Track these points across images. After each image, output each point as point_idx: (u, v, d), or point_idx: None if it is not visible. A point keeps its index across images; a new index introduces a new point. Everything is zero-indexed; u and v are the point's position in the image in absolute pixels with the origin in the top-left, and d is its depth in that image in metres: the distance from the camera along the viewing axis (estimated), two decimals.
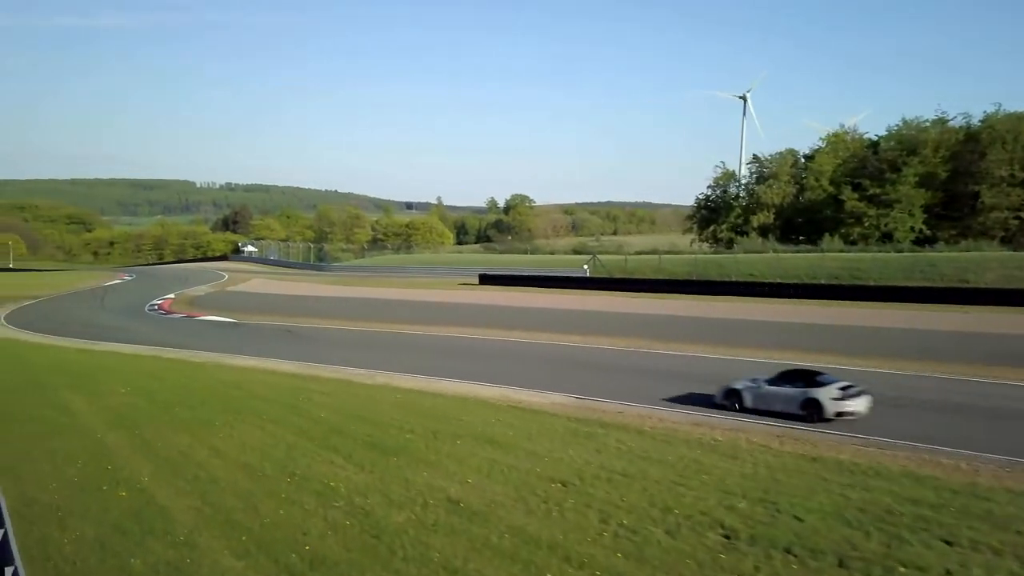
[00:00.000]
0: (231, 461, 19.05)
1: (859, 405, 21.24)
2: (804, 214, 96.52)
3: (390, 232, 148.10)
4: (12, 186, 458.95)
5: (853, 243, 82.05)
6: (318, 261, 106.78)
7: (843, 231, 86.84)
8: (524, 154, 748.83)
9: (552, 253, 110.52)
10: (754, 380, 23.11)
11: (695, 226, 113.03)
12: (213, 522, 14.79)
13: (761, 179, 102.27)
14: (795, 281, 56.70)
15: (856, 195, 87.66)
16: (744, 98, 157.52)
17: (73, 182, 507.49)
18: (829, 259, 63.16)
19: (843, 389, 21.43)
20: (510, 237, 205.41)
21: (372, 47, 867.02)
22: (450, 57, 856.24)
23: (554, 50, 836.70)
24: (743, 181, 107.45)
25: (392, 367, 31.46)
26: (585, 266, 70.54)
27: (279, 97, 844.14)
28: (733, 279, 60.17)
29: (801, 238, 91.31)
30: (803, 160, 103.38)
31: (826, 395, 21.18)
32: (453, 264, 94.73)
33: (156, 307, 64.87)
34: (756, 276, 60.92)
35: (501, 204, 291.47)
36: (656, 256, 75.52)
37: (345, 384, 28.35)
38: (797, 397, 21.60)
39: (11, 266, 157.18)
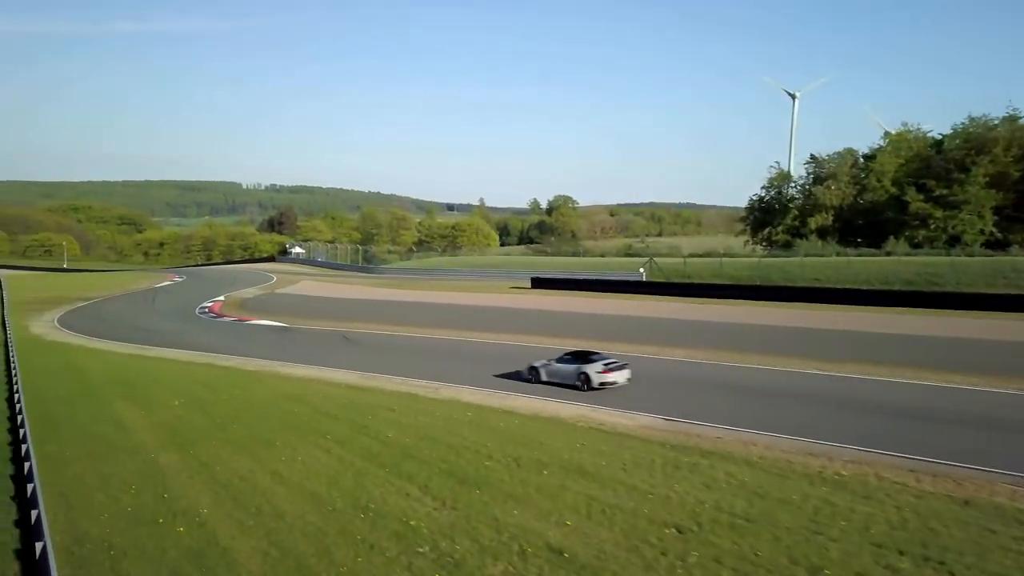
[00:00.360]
0: (296, 490, 17.25)
1: (619, 377, 26.90)
2: (865, 216, 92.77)
3: (435, 234, 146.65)
4: (67, 188, 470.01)
5: (918, 246, 78.35)
6: (365, 263, 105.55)
7: (907, 234, 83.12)
8: (565, 155, 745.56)
9: (602, 255, 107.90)
10: (548, 360, 28.75)
11: (748, 228, 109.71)
12: (282, 570, 12.96)
13: (818, 180, 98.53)
14: (866, 287, 53.74)
15: (921, 196, 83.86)
16: (794, 96, 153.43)
17: (124, 184, 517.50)
18: (902, 263, 59.80)
19: (606, 365, 27.00)
20: (553, 238, 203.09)
21: (412, 49, 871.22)
22: (489, 59, 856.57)
23: (593, 51, 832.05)
24: (799, 182, 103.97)
25: (455, 378, 29.53)
26: (641, 269, 68.07)
27: (322, 100, 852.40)
28: (799, 284, 57.29)
29: (860, 241, 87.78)
30: (863, 160, 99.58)
31: (593, 370, 26.74)
32: (501, 267, 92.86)
33: (206, 310, 63.97)
34: (823, 281, 57.96)
35: (543, 205, 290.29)
36: (716, 259, 72.69)
37: (410, 398, 26.45)
38: (574, 372, 27.17)
39: (65, 266, 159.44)
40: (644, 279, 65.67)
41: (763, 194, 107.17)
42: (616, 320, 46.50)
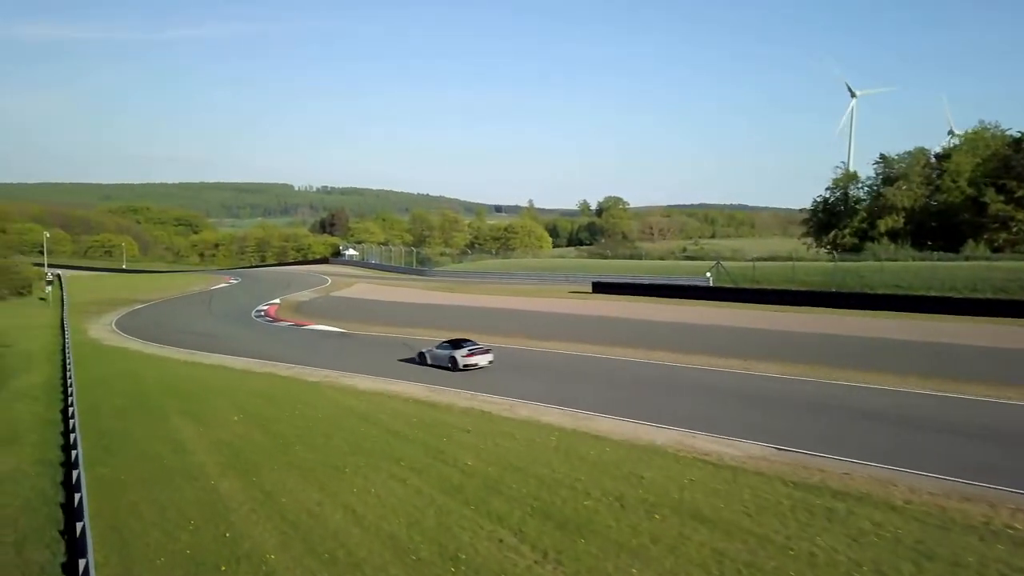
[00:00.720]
0: (373, 531, 15.19)
1: (481, 360, 33.08)
2: (938, 218, 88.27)
3: (488, 236, 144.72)
4: (127, 190, 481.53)
5: (998, 250, 73.94)
6: (419, 265, 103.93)
7: (986, 237, 78.62)
8: (611, 155, 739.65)
9: (661, 259, 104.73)
10: (432, 347, 35.05)
11: (811, 230, 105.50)
12: None
13: (888, 180, 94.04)
14: (954, 294, 50.07)
15: (1001, 198, 79.28)
16: (854, 95, 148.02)
17: (181, 186, 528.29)
18: (988, 269, 55.81)
19: (470, 350, 33.15)
20: (603, 240, 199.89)
21: (458, 52, 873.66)
22: (535, 61, 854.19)
23: (640, 51, 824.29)
24: (866, 182, 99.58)
25: (529, 394, 27.23)
26: (708, 274, 65.00)
27: (373, 103, 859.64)
28: (880, 291, 53.80)
29: (933, 244, 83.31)
30: (935, 160, 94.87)
31: (459, 354, 32.96)
32: (556, 270, 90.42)
33: (262, 313, 62.86)
34: (904, 288, 54.40)
35: (593, 206, 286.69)
36: (786, 264, 69.27)
37: (485, 418, 24.24)
38: (446, 356, 33.55)
39: (124, 267, 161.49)
40: (711, 284, 62.65)
41: (827, 195, 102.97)
42: (691, 329, 43.68)
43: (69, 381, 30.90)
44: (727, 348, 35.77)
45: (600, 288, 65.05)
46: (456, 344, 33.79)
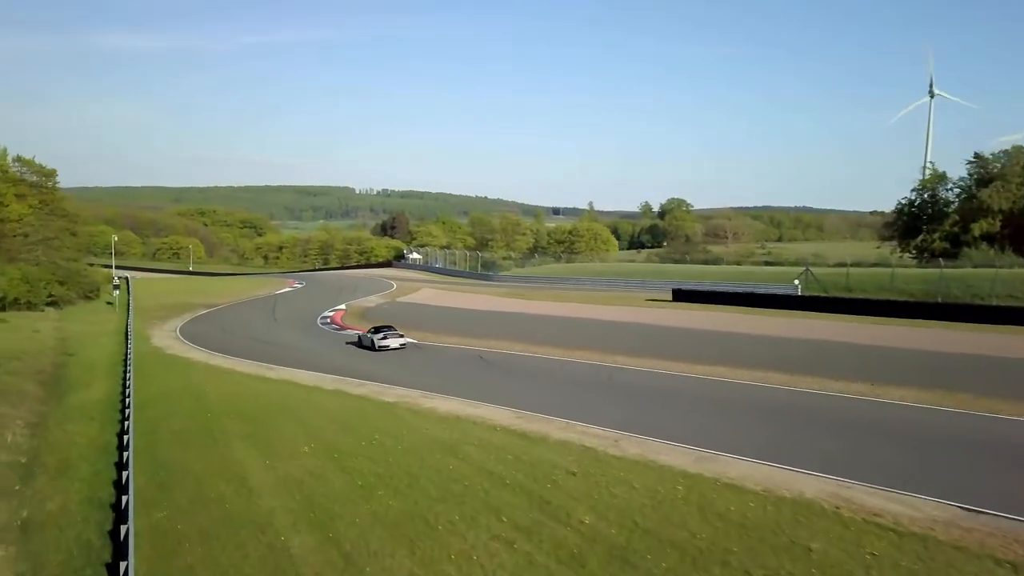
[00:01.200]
0: None
1: (392, 343, 42.81)
2: None
3: (551, 239, 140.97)
4: (195, 192, 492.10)
5: None
6: (483, 270, 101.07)
7: None
8: (672, 157, 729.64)
9: (738, 263, 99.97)
10: (366, 332, 45.88)
11: (896, 234, 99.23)
12: None
13: (982, 181, 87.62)
14: None
15: None
16: (933, 95, 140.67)
17: (247, 189, 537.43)
18: None
19: (385, 335, 43.39)
20: (666, 243, 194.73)
21: (511, 56, 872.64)
22: (592, 60, 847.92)
23: (703, 51, 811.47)
24: (957, 184, 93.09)
25: (633, 424, 23.74)
26: (796, 281, 60.43)
27: (431, 106, 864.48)
28: (994, 303, 48.78)
29: None
30: None
31: (377, 337, 43.28)
32: (628, 275, 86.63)
33: (328, 320, 60.70)
34: (1022, 299, 49.32)
35: (655, 208, 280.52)
36: (883, 270, 64.30)
37: (589, 455, 20.81)
38: (370, 338, 43.77)
39: (191, 269, 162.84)
40: (800, 293, 58.15)
41: (913, 197, 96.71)
42: (794, 345, 39.35)
43: (128, 398, 28.56)
44: (842, 368, 31.61)
45: (681, 296, 61.11)
46: (379, 329, 44.83)
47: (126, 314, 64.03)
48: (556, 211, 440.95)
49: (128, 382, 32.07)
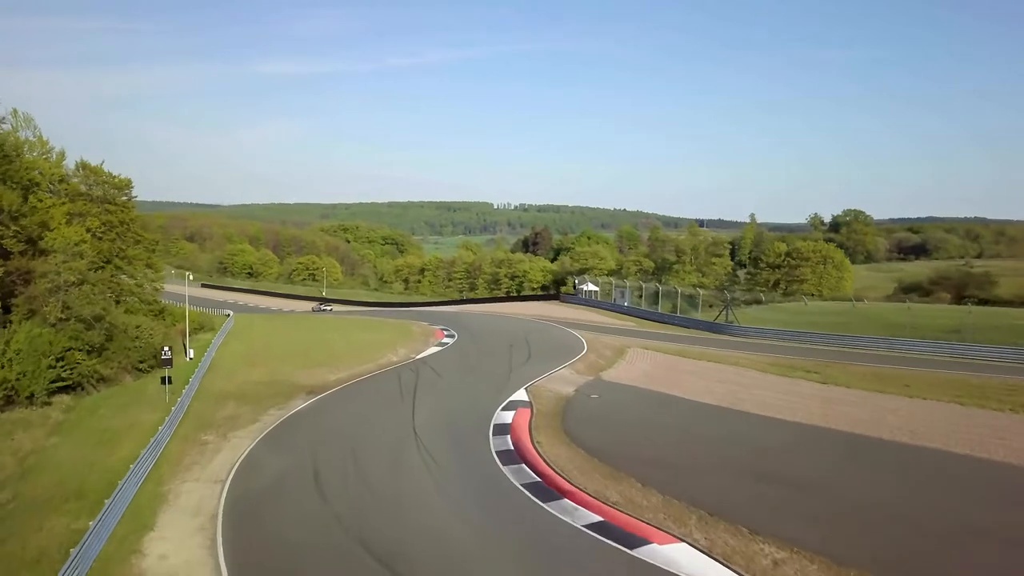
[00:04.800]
0: None
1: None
2: None
3: (763, 264, 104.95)
4: (342, 209, 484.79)
5: None
6: (686, 312, 67.49)
7: None
8: (839, 163, 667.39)
9: None
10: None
11: None
12: None
13: None
14: None
15: None
16: None
17: (390, 204, 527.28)
18: None
19: (321, 307, 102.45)
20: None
21: (653, 68, 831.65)
22: (746, 59, 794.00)
23: (859, 54, 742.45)
24: None
25: None
26: None
27: (568, 121, 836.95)
28: None
29: None
30: None
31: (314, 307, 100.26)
32: (944, 336, 52.00)
33: (503, 429, 30.72)
34: None
35: (827, 220, 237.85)
36: None
37: None
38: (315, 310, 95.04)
39: (323, 295, 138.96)
40: None
41: None
42: None
43: None
44: None
45: None
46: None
47: (175, 408, 35.97)
48: (701, 223, 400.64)
49: None
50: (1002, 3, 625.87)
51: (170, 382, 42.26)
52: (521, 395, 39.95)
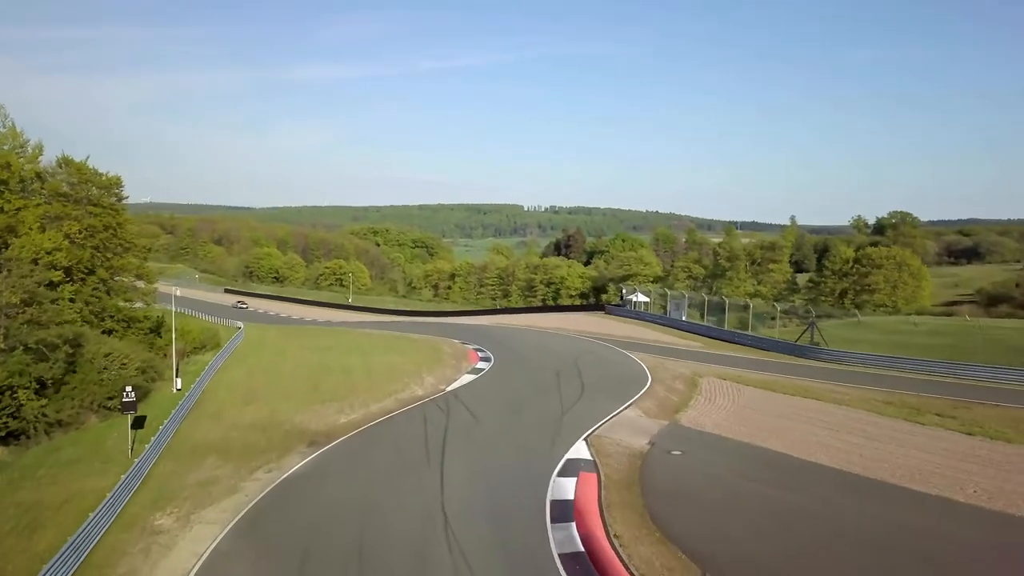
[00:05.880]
0: None
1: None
2: None
3: (829, 270, 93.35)
4: (373, 212, 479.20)
5: None
6: (808, 343, 55.61)
7: None
8: (879, 164, 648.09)
9: None
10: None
11: None
12: None
13: None
14: None
15: None
16: None
17: (421, 207, 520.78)
18: None
19: (239, 304, 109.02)
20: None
21: (680, 67, 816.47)
22: (780, 59, 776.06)
23: (900, 55, 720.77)
24: None
25: None
26: None
27: (595, 121, 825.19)
28: None
29: None
30: None
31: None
32: None
33: (566, 504, 21.95)
34: None
35: (871, 222, 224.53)
36: None
37: None
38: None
39: (349, 301, 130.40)
40: None
41: None
42: None
43: None
44: None
45: None
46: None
47: (133, 468, 26.95)
48: (736, 225, 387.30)
49: None
50: None
51: (140, 427, 33.53)
52: (581, 450, 30.43)
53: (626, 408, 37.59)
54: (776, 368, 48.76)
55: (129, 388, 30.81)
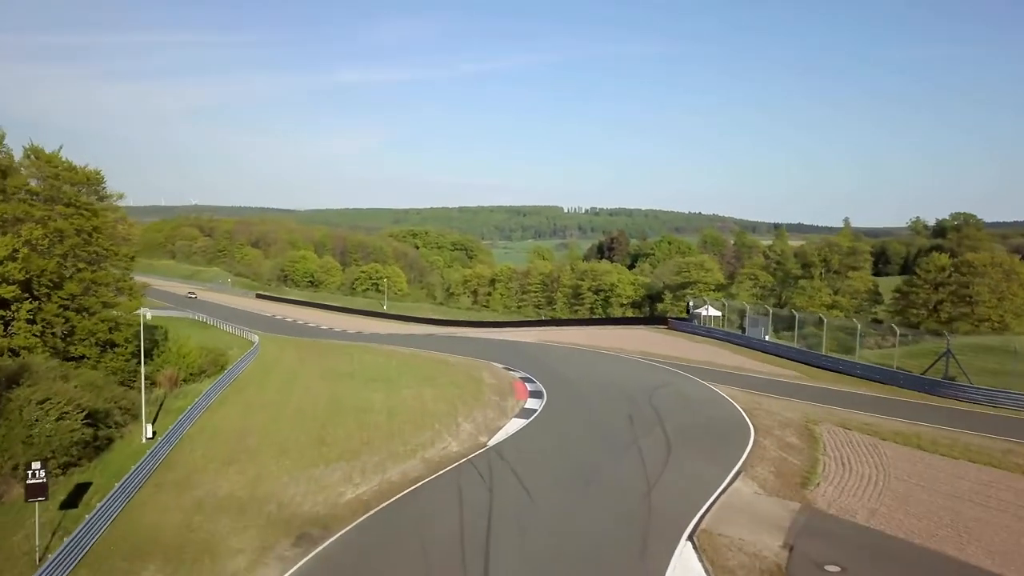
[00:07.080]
0: None
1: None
2: None
3: (920, 280, 79.82)
4: (413, 214, 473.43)
5: None
6: (943, 376, 42.41)
7: None
8: (929, 165, 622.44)
9: None
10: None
11: None
12: None
13: None
14: None
15: None
16: None
17: (461, 209, 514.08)
18: None
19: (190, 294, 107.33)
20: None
21: (725, 67, 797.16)
22: (821, 60, 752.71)
23: (959, 52, 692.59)
24: None
25: None
26: None
27: (637, 123, 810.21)
28: None
29: None
30: None
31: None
32: None
33: None
34: None
35: (930, 224, 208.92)
36: None
37: None
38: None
39: (383, 308, 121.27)
40: None
41: None
42: None
43: None
44: None
45: None
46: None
47: None
48: (777, 227, 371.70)
49: None
50: None
51: (74, 505, 24.28)
52: (689, 560, 20.08)
53: (734, 480, 27.05)
54: (908, 412, 37.56)
55: (37, 465, 21.13)
